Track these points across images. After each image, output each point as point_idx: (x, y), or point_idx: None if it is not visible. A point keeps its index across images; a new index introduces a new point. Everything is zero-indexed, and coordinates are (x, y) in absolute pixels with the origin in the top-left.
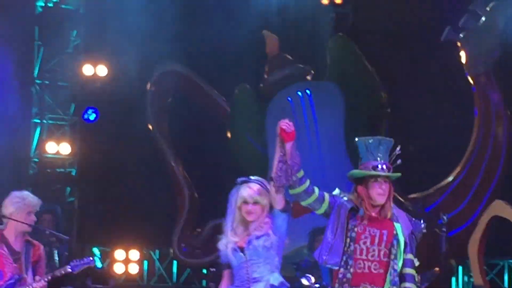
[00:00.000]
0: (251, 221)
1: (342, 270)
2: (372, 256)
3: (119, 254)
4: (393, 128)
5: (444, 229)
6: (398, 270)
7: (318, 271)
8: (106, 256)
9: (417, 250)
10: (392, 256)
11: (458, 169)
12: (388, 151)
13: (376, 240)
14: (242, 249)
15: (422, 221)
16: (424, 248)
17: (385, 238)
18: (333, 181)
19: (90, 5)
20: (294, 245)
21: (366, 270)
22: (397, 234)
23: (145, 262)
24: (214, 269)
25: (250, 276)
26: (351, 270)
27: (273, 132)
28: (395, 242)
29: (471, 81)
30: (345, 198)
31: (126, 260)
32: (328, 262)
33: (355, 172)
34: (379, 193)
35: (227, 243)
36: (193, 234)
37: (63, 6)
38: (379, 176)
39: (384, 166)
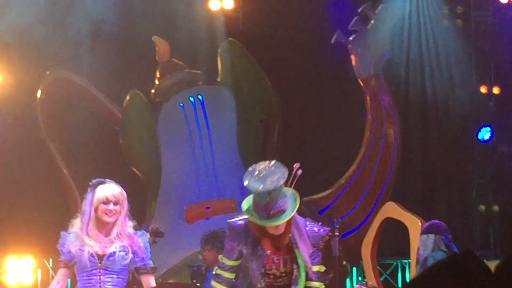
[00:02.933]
0: (109, 223)
1: None
2: (280, 277)
3: (11, 263)
4: (285, 131)
5: (337, 233)
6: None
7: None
8: None
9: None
10: (293, 281)
11: (350, 171)
12: (283, 186)
13: (281, 265)
14: (100, 257)
15: (325, 226)
16: None
17: (288, 262)
18: (226, 185)
19: None
20: (190, 250)
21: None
22: (296, 258)
23: (39, 271)
24: None
25: (102, 285)
26: None
27: (166, 138)
28: (295, 267)
29: (361, 84)
30: (242, 233)
31: (19, 270)
32: None
33: (249, 213)
34: (274, 231)
35: (81, 245)
36: None
37: None
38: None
39: (280, 209)
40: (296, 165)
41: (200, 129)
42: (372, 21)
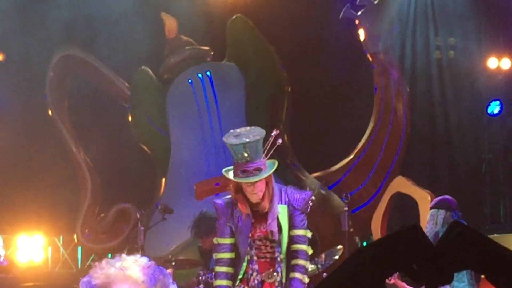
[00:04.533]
0: None
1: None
2: (271, 248)
3: (22, 241)
4: (295, 106)
5: (346, 208)
6: (282, 255)
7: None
8: (9, 244)
9: (318, 230)
10: (275, 244)
11: (359, 146)
12: (259, 146)
13: (269, 235)
14: None
15: (308, 189)
16: (328, 227)
17: (274, 229)
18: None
19: None
20: None
21: (268, 259)
22: (278, 220)
23: (49, 249)
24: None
25: None
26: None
27: (174, 114)
28: (277, 230)
29: (370, 59)
30: (227, 210)
31: (30, 247)
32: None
33: (226, 174)
34: (251, 193)
35: None
36: (96, 219)
37: None
38: (248, 182)
39: (256, 167)
40: (275, 132)
41: (208, 105)
42: None
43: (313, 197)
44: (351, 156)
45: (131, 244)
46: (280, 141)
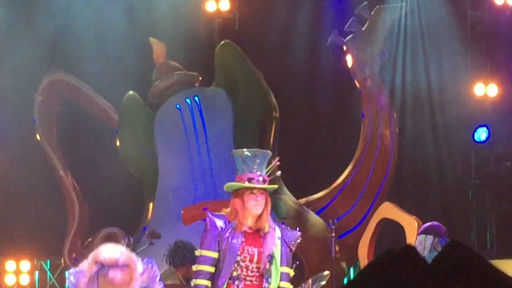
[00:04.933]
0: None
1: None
2: (252, 272)
3: (9, 265)
4: (282, 132)
5: (333, 234)
6: (271, 285)
7: None
8: None
9: (305, 256)
10: (265, 274)
11: (347, 171)
12: (265, 162)
13: (255, 259)
14: None
15: (297, 229)
16: (316, 252)
17: (262, 256)
18: (222, 186)
19: None
20: None
21: (256, 282)
22: (272, 252)
23: (37, 273)
24: None
25: None
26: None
27: (162, 139)
28: (267, 260)
29: (358, 85)
30: (219, 224)
31: (17, 271)
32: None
33: (231, 184)
34: (254, 204)
35: None
36: (84, 244)
37: None
38: (254, 188)
39: (261, 178)
40: (277, 161)
41: (196, 131)
42: (368, 22)
43: (300, 238)
44: (338, 182)
45: None
46: (279, 173)
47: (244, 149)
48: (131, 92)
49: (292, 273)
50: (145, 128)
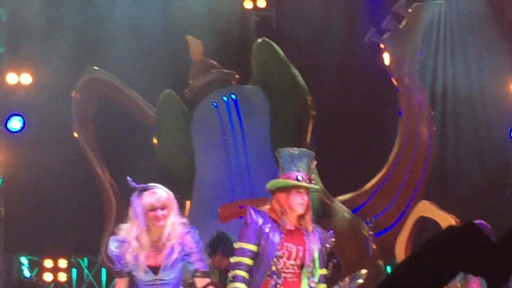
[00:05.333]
0: (159, 228)
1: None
2: (287, 269)
3: (47, 262)
4: (319, 130)
5: (370, 232)
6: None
7: None
8: (35, 265)
9: (341, 254)
10: (309, 274)
11: (384, 170)
12: (310, 163)
13: (293, 256)
14: (155, 269)
15: (331, 231)
16: (352, 251)
17: (300, 254)
18: (259, 184)
19: (13, 13)
20: None
21: (295, 279)
22: (312, 252)
23: (74, 270)
24: None
25: None
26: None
27: (199, 137)
28: (310, 260)
29: (395, 82)
30: (259, 219)
31: (55, 269)
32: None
33: (277, 181)
34: (300, 203)
35: (137, 255)
36: None
37: None
38: (301, 187)
39: (306, 178)
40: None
41: (233, 129)
42: (405, 20)
43: (333, 239)
44: (376, 180)
45: None
46: (313, 176)
47: (293, 148)
48: (168, 90)
49: (326, 273)
50: (182, 126)
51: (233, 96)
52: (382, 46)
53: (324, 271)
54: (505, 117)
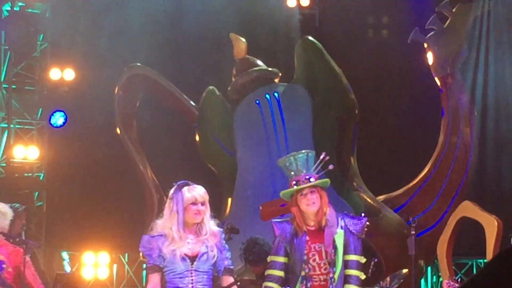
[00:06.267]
0: (196, 223)
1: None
2: (325, 269)
3: (88, 258)
4: (362, 129)
5: (413, 231)
6: (336, 275)
7: None
8: (75, 260)
9: (382, 253)
10: (331, 264)
11: (426, 169)
12: (311, 161)
13: (323, 254)
14: (192, 258)
15: (363, 215)
16: (393, 250)
17: (328, 250)
18: None
19: (57, 8)
20: None
21: (323, 282)
22: (335, 241)
23: (115, 266)
24: None
25: (194, 286)
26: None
27: (242, 135)
28: (333, 251)
29: (438, 82)
30: (283, 230)
31: (95, 264)
32: None
33: (283, 192)
34: (308, 204)
35: (175, 248)
36: None
37: (29, 10)
38: (302, 188)
39: (307, 177)
40: (324, 156)
41: (276, 127)
42: (449, 20)
43: (367, 223)
44: (417, 180)
45: None
46: (331, 166)
47: (285, 157)
48: (211, 87)
49: (363, 260)
50: (224, 123)
51: (276, 94)
52: (425, 45)
53: (358, 257)
54: None
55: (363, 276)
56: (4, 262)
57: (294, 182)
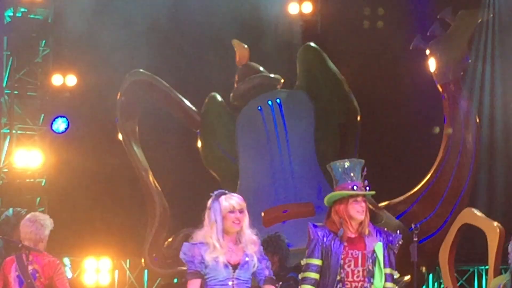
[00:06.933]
0: (235, 231)
1: None
2: (357, 277)
3: (89, 263)
4: (364, 136)
5: (415, 238)
6: (374, 285)
7: None
8: (77, 266)
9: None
10: (369, 275)
11: (428, 176)
12: (361, 171)
13: (359, 262)
14: (234, 266)
15: (398, 233)
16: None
17: (366, 258)
18: (303, 188)
19: (59, 15)
20: None
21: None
22: (375, 252)
23: (116, 272)
24: (185, 279)
25: None
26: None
27: (244, 141)
28: (371, 261)
29: (440, 89)
30: (320, 233)
31: (97, 270)
32: None
33: (337, 193)
34: (359, 211)
35: (217, 256)
36: (164, 244)
37: (31, 16)
38: (358, 195)
39: (361, 185)
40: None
41: (278, 133)
42: (451, 26)
43: (401, 241)
44: (419, 187)
45: None
46: (366, 182)
47: (343, 160)
48: (213, 94)
49: (397, 275)
50: (226, 129)
51: (278, 101)
52: (428, 52)
53: (392, 271)
54: None
55: None
56: (37, 271)
57: (353, 187)
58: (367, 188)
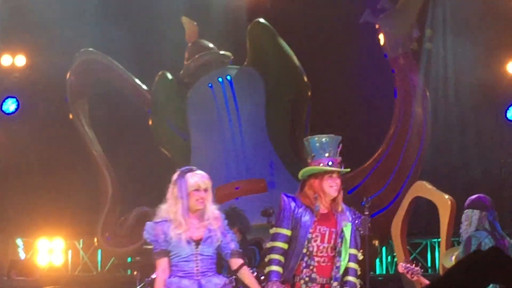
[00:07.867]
0: (200, 209)
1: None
2: (322, 252)
3: (42, 244)
4: (314, 111)
5: (366, 212)
6: (341, 266)
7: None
8: (30, 247)
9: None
10: (336, 254)
11: (379, 150)
12: (337, 148)
13: (326, 238)
14: (197, 241)
15: (366, 213)
16: None
17: (333, 236)
18: (254, 164)
19: None
20: None
21: (323, 264)
22: (343, 232)
23: (69, 252)
24: (139, 258)
25: (199, 269)
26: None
27: (195, 118)
28: (339, 240)
29: (390, 63)
30: (292, 203)
31: (50, 250)
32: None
33: (313, 168)
34: (333, 186)
35: (180, 232)
36: (117, 223)
37: None
38: (333, 172)
39: (337, 162)
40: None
41: (228, 110)
42: (400, 0)
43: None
44: (370, 161)
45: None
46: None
47: (321, 135)
48: (163, 72)
49: (360, 256)
50: (177, 107)
51: (228, 77)
52: (377, 26)
53: (356, 252)
54: (500, 96)
55: (359, 271)
56: None
57: (329, 162)
58: (342, 166)
